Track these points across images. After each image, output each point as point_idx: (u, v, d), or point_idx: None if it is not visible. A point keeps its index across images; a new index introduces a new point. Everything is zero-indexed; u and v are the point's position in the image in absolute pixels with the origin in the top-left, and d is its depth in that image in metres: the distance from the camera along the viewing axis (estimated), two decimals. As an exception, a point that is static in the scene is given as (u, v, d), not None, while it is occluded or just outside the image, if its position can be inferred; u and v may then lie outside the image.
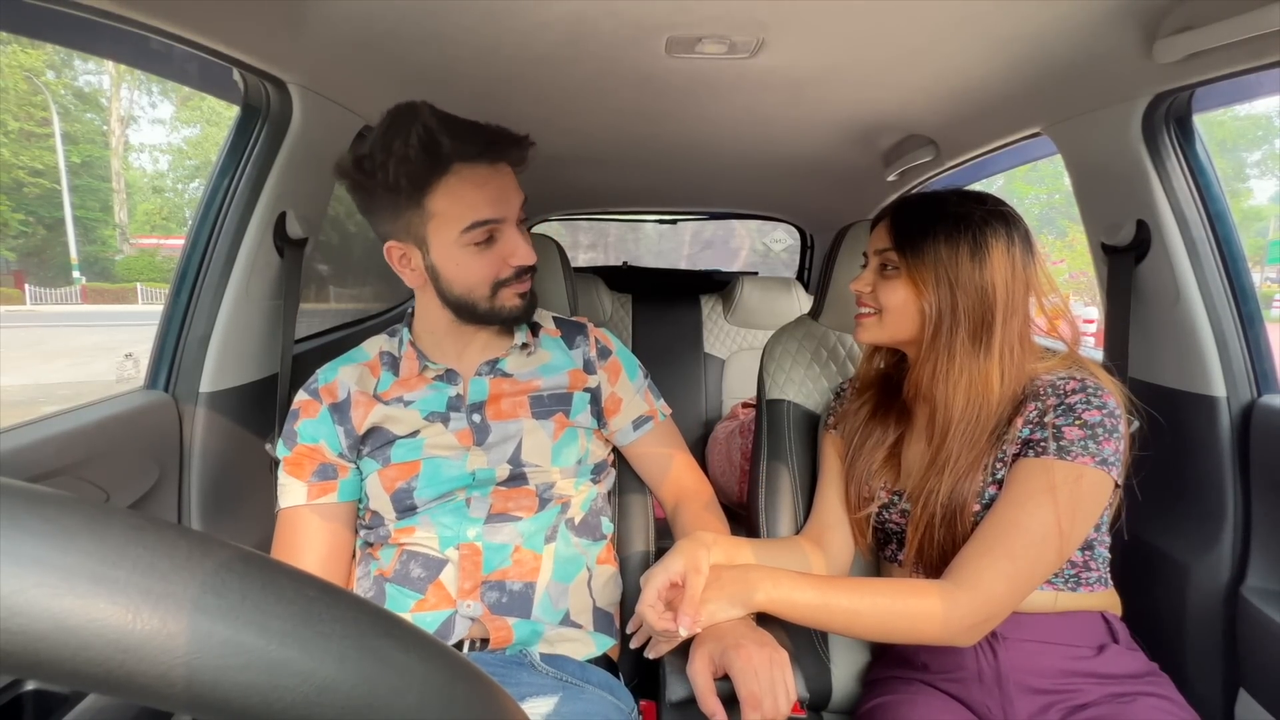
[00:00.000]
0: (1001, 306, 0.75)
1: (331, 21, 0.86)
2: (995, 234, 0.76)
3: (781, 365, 1.12)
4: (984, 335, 0.76)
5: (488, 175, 0.79)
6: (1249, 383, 0.93)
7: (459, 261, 0.80)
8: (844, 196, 1.96)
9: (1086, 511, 0.70)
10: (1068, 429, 0.71)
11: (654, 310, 2.23)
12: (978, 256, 0.75)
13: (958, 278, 0.76)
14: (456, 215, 0.78)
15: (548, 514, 0.87)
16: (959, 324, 0.76)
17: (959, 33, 0.87)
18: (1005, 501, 0.72)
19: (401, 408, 0.86)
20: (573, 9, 0.83)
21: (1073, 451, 0.70)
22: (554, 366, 0.92)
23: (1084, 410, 0.72)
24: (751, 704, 0.66)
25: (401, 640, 0.22)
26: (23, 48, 12.88)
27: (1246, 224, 12.61)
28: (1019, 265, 0.76)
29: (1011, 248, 0.76)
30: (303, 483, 0.85)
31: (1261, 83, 0.83)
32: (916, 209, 0.81)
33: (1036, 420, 0.74)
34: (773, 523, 1.03)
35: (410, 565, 0.83)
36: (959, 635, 0.69)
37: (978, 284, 0.76)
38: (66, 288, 14.60)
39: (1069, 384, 0.74)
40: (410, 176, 0.76)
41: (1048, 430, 0.72)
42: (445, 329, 0.89)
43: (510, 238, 0.82)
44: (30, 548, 0.17)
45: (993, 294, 0.75)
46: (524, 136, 0.83)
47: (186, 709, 0.19)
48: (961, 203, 0.78)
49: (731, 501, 1.80)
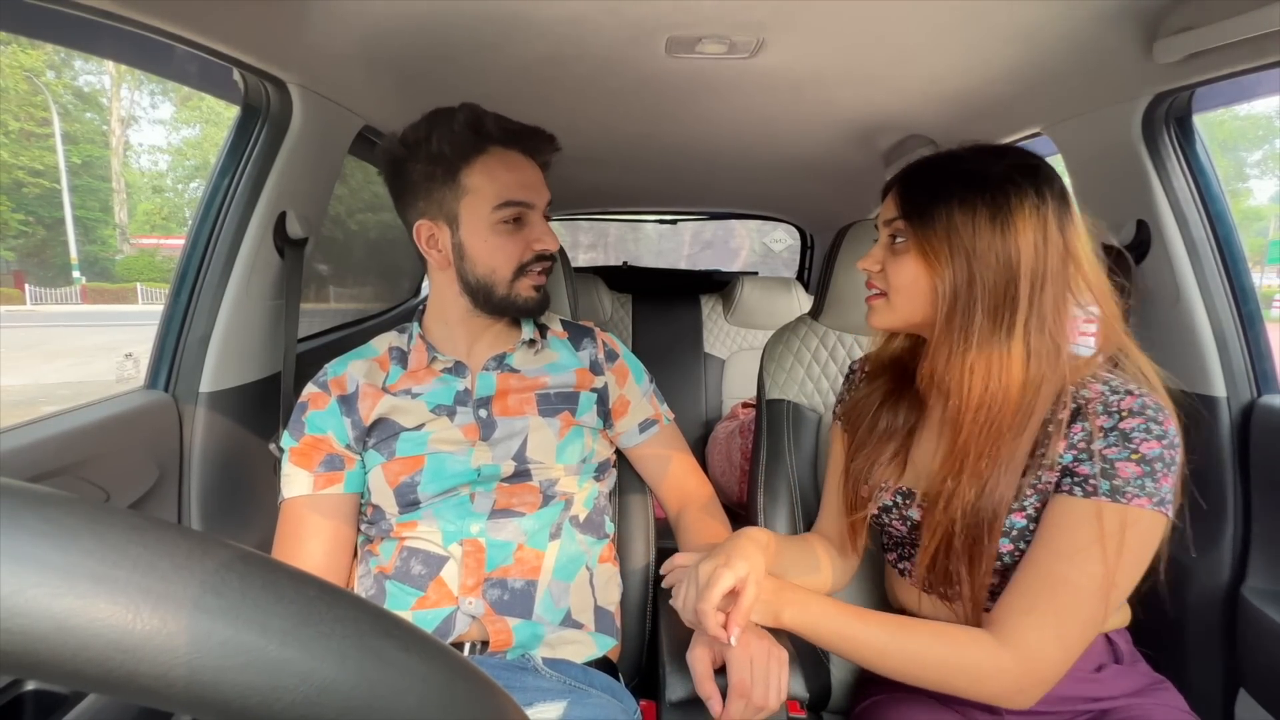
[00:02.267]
0: (1028, 275, 0.64)
1: (332, 22, 0.86)
2: (1020, 192, 0.64)
3: (782, 365, 1.12)
4: (1006, 312, 0.65)
5: (521, 162, 0.85)
6: (1249, 383, 0.93)
7: (486, 239, 0.84)
8: (844, 196, 1.96)
9: (1140, 558, 0.62)
10: (1122, 465, 0.61)
11: (654, 310, 2.23)
12: (999, 219, 0.64)
13: (975, 247, 0.65)
14: (491, 192, 0.82)
15: (551, 510, 0.87)
16: (976, 301, 0.66)
17: (959, 33, 0.87)
18: (1050, 550, 0.63)
19: (409, 399, 0.86)
20: (573, 9, 0.83)
21: (1128, 493, 0.60)
22: (561, 365, 0.93)
23: (1142, 441, 0.61)
24: (740, 691, 0.65)
25: (402, 640, 0.22)
26: (23, 48, 12.88)
27: (1246, 224, 12.61)
28: (1052, 228, 0.65)
29: (1042, 207, 0.64)
30: (309, 473, 0.85)
31: (1261, 83, 0.83)
32: (927, 171, 0.71)
33: (1083, 446, 0.64)
34: (771, 522, 1.03)
35: (411, 562, 0.83)
36: (1005, 697, 0.62)
37: (1000, 253, 0.64)
38: (66, 288, 14.60)
39: (1124, 401, 0.63)
40: (454, 146, 0.81)
41: (1097, 464, 0.62)
42: (458, 318, 0.89)
43: (537, 224, 0.86)
44: (31, 547, 0.17)
45: (1017, 262, 0.64)
46: (554, 136, 0.89)
47: (186, 709, 0.19)
48: (978, 159, 0.68)
49: (731, 501, 1.80)
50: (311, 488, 0.84)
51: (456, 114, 0.82)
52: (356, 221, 1.76)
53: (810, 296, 2.22)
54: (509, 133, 0.84)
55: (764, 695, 0.66)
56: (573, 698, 0.76)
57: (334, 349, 1.02)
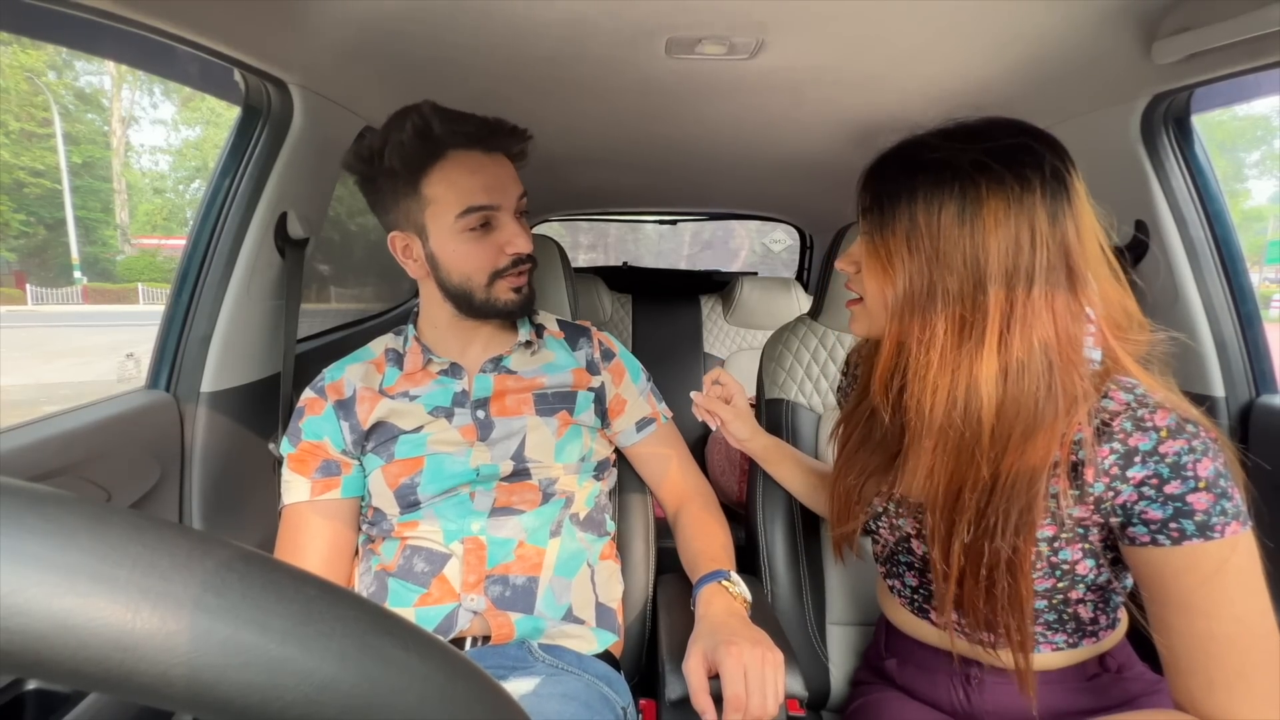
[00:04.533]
0: (1002, 278, 0.55)
1: (332, 22, 0.86)
2: (996, 180, 0.55)
3: (781, 365, 1.12)
4: (974, 321, 0.56)
5: (483, 162, 0.82)
6: (1247, 383, 0.93)
7: (455, 248, 0.82)
8: (843, 197, 1.94)
9: (1259, 579, 0.54)
10: (1193, 497, 0.53)
11: (654, 310, 2.23)
12: (967, 215, 0.56)
13: (938, 249, 0.57)
14: (452, 200, 0.80)
15: (551, 507, 0.87)
16: (936, 311, 0.57)
17: (958, 33, 0.88)
18: (1175, 611, 0.55)
19: (407, 402, 0.86)
20: (573, 10, 0.83)
21: (1214, 524, 0.53)
22: (557, 365, 0.93)
23: (1195, 463, 0.54)
24: (735, 706, 0.64)
25: (402, 639, 0.22)
26: (24, 48, 12.89)
27: (1246, 225, 12.60)
28: (1040, 219, 0.55)
29: (1025, 195, 0.55)
30: (306, 479, 0.85)
31: (1260, 83, 0.83)
32: (892, 161, 0.62)
33: (1116, 472, 0.56)
34: (771, 522, 1.03)
35: (414, 560, 0.83)
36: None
37: (967, 253, 0.56)
38: (68, 288, 14.59)
39: (1157, 417, 0.55)
40: (405, 161, 0.79)
41: (1168, 506, 0.54)
42: (447, 323, 0.89)
43: (507, 226, 0.84)
44: (31, 546, 0.17)
45: (985, 262, 0.55)
46: (519, 128, 0.85)
47: (187, 708, 0.19)
48: (948, 144, 0.58)
49: (731, 501, 1.80)
50: (309, 494, 0.85)
51: (407, 122, 0.78)
52: (357, 223, 1.76)
53: (809, 297, 2.23)
54: (464, 135, 0.80)
55: (761, 705, 0.65)
56: (555, 675, 0.76)
57: (334, 349, 1.02)
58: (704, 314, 2.25)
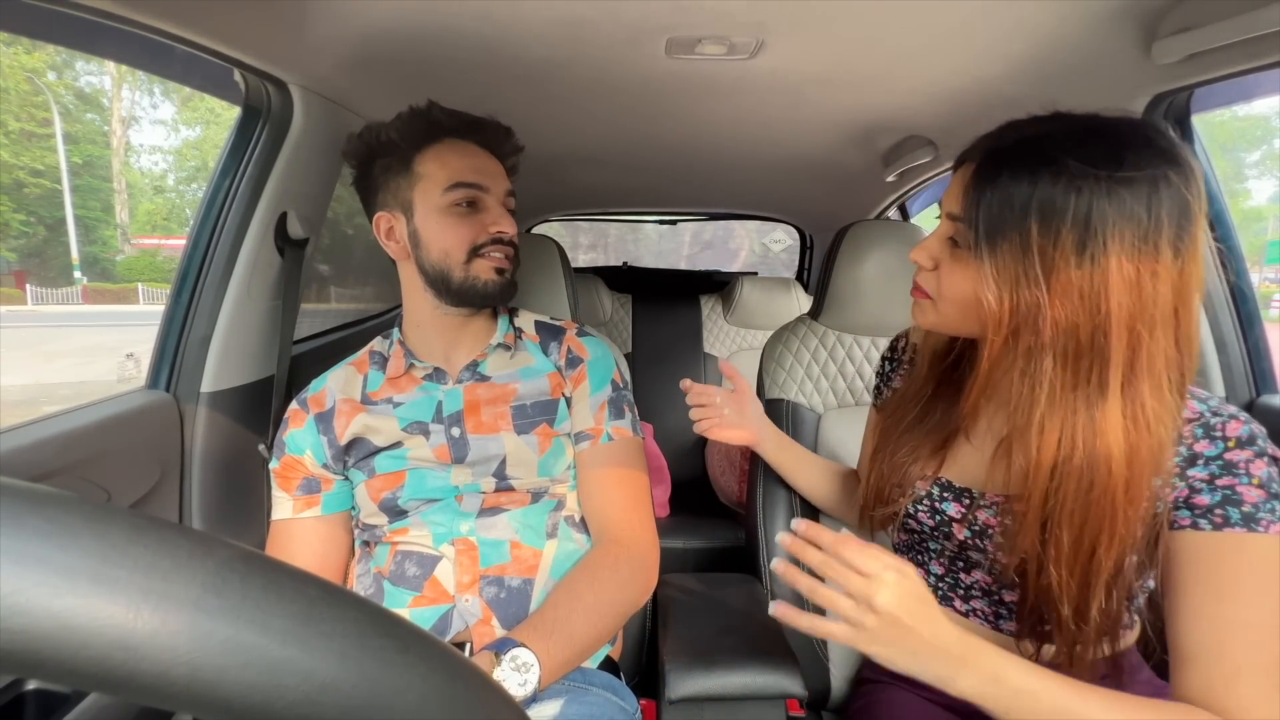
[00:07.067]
0: (1120, 319, 0.51)
1: (332, 22, 0.86)
2: (1127, 218, 0.50)
3: (781, 365, 1.12)
4: (1092, 365, 0.52)
5: (476, 151, 0.86)
6: (1248, 383, 0.93)
7: (438, 222, 0.83)
8: (843, 197, 1.96)
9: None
10: (1244, 489, 0.53)
11: (654, 310, 2.23)
12: (1088, 249, 0.50)
13: (1052, 280, 0.51)
14: (443, 176, 0.83)
15: (541, 507, 0.87)
16: (1039, 340, 0.53)
17: (958, 34, 0.88)
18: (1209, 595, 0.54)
19: (390, 410, 0.86)
20: (573, 10, 0.83)
21: (1260, 518, 0.53)
22: (534, 370, 0.90)
23: (1249, 464, 0.54)
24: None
25: (402, 640, 0.22)
26: (24, 49, 12.89)
27: (1246, 225, 12.60)
28: (1165, 256, 0.50)
29: (1153, 234, 0.50)
30: (289, 496, 0.86)
31: (1260, 83, 0.83)
32: (1014, 158, 0.54)
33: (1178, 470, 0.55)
34: (771, 523, 1.03)
35: (405, 564, 0.83)
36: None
37: (1083, 289, 0.51)
38: (68, 288, 14.59)
39: (1229, 426, 0.55)
40: (403, 134, 0.83)
41: (1216, 493, 0.54)
42: (428, 318, 0.88)
43: (493, 208, 0.86)
44: (31, 547, 0.17)
45: (1104, 301, 0.51)
46: (514, 134, 0.90)
47: (187, 708, 0.19)
48: (1074, 156, 0.51)
49: (731, 501, 1.80)
50: (291, 511, 0.85)
51: (411, 109, 0.84)
52: (355, 224, 1.76)
53: (810, 296, 2.23)
54: (464, 124, 0.86)
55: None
56: (570, 696, 0.77)
57: (334, 349, 1.02)
58: (704, 314, 2.25)
